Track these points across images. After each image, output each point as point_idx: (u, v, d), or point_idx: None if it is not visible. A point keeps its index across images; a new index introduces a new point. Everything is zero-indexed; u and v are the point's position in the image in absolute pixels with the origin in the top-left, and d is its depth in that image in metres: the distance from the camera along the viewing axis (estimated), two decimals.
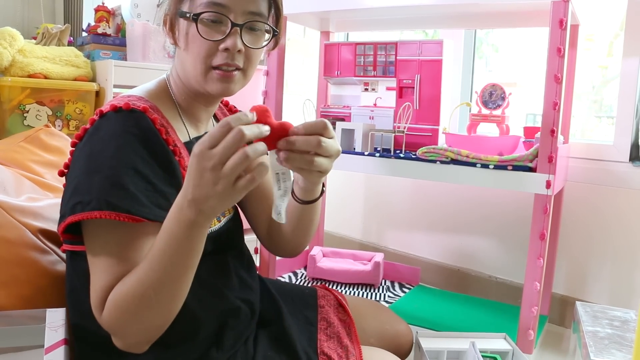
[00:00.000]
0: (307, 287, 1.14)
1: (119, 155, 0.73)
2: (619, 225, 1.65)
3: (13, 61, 1.85)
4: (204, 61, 0.81)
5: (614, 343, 1.17)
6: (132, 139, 0.75)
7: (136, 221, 0.72)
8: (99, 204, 0.71)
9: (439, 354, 1.20)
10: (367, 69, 1.70)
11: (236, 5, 0.80)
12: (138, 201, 0.72)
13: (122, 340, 0.72)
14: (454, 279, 2.01)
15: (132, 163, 0.73)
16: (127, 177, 0.72)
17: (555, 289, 1.74)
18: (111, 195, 0.71)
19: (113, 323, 0.71)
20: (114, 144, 0.74)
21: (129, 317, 0.70)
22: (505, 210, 1.88)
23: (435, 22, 1.81)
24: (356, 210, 2.33)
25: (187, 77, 0.85)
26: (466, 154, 1.35)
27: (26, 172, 1.12)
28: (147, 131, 0.77)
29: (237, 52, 0.81)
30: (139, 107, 0.78)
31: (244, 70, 0.84)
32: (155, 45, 2.10)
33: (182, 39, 0.83)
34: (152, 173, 0.75)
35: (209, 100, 0.90)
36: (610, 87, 1.97)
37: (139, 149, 0.75)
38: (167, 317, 0.72)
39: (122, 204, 0.71)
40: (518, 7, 1.46)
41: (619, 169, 1.65)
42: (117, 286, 0.71)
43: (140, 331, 0.72)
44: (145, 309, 0.69)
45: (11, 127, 1.83)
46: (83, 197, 0.72)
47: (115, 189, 0.72)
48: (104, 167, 0.73)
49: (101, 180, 0.72)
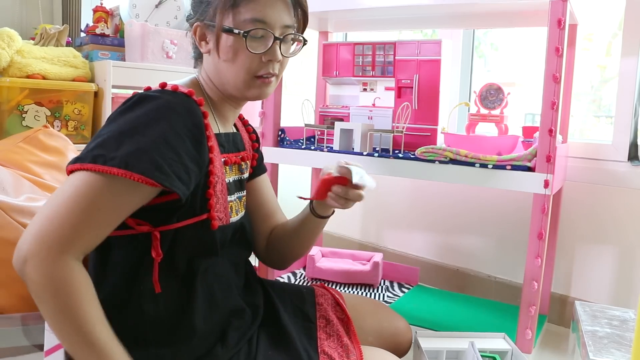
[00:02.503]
0: (305, 286, 1.15)
1: (154, 125, 0.78)
2: (618, 225, 1.66)
3: (11, 62, 1.85)
4: (249, 72, 0.90)
5: (613, 342, 1.17)
6: (171, 113, 0.80)
7: (149, 184, 0.74)
8: (119, 163, 0.73)
9: (438, 353, 1.20)
10: (365, 69, 1.70)
11: (276, 21, 0.89)
12: (158, 167, 0.75)
13: (30, 269, 0.70)
14: (453, 278, 2.01)
15: (164, 134, 0.77)
16: (155, 145, 0.76)
17: (554, 289, 1.74)
18: (132, 157, 0.74)
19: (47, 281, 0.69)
20: (153, 114, 0.79)
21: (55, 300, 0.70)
22: (504, 210, 1.88)
23: (434, 22, 1.81)
24: (355, 211, 2.33)
25: (223, 83, 0.92)
26: (465, 154, 1.35)
27: (25, 172, 1.11)
28: (189, 110, 0.82)
29: (276, 61, 0.91)
30: (185, 91, 0.84)
31: (277, 76, 0.94)
32: (154, 45, 2.09)
33: (224, 51, 0.89)
34: (182, 146, 0.79)
35: (239, 103, 0.98)
36: (609, 87, 1.97)
37: (176, 123, 0.79)
38: (50, 324, 0.72)
39: (140, 166, 0.74)
40: (516, 7, 1.46)
41: (618, 169, 1.65)
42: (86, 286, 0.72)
43: (39, 297, 0.71)
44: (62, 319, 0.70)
45: (10, 127, 1.83)
46: (107, 152, 0.74)
47: (140, 153, 0.74)
48: (137, 134, 0.76)
49: (130, 144, 0.75)
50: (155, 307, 0.82)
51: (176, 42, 2.16)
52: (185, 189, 0.79)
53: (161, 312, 0.83)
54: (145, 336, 0.82)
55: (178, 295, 0.84)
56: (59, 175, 1.18)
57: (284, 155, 1.64)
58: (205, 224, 0.85)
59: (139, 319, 0.82)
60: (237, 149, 1.00)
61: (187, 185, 0.79)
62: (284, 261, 1.14)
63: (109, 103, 1.99)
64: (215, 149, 0.89)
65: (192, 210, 0.84)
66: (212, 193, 0.86)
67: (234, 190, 0.97)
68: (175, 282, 0.84)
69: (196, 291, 0.85)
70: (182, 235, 0.83)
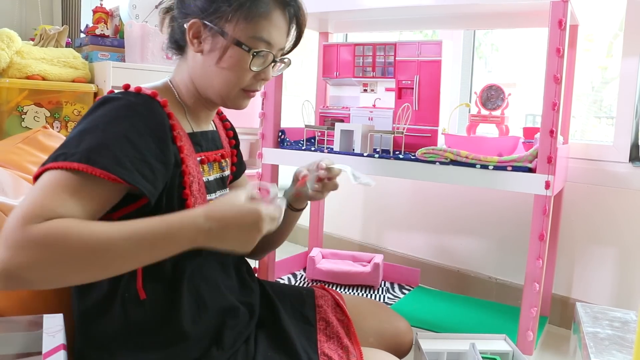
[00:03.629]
0: (305, 288, 1.15)
1: (115, 123, 0.77)
2: (619, 226, 1.65)
3: (11, 63, 1.85)
4: (240, 85, 0.91)
5: (614, 344, 1.16)
6: (132, 113, 0.79)
7: (111, 180, 0.73)
8: (79, 158, 0.72)
9: (439, 355, 1.19)
10: (366, 70, 1.70)
11: (277, 43, 0.91)
12: (120, 163, 0.74)
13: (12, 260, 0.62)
14: (454, 280, 2.01)
15: (125, 132, 0.77)
16: (116, 142, 0.75)
17: (556, 290, 1.74)
18: (93, 152, 0.73)
19: (30, 245, 0.63)
20: (114, 114, 0.79)
21: (55, 253, 0.64)
22: (504, 211, 1.88)
23: (434, 23, 1.81)
24: (355, 212, 2.33)
25: (205, 85, 0.91)
26: (465, 155, 1.35)
27: (24, 173, 1.11)
28: (151, 110, 0.82)
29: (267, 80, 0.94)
30: (148, 92, 0.84)
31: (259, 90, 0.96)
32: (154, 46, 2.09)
33: (223, 59, 0.88)
34: (144, 144, 0.78)
35: (215, 106, 0.97)
36: (610, 88, 1.97)
37: (137, 122, 0.79)
38: (79, 280, 0.69)
39: (101, 161, 0.72)
40: (517, 8, 1.45)
41: (619, 170, 1.65)
42: (69, 221, 0.67)
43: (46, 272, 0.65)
44: (79, 261, 0.66)
45: (9, 128, 1.83)
46: (69, 150, 0.73)
47: (100, 148, 0.74)
48: (97, 130, 0.76)
49: (91, 139, 0.74)
50: (142, 312, 0.81)
51: None
52: (152, 187, 0.77)
53: (148, 317, 0.82)
54: (134, 341, 0.82)
55: (164, 299, 0.83)
56: None
57: (284, 156, 1.64)
58: None
59: (125, 325, 0.81)
60: (216, 147, 0.99)
61: (154, 185, 0.77)
62: (259, 253, 1.19)
63: None
64: (187, 148, 0.87)
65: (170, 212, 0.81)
66: (189, 193, 0.85)
67: (215, 188, 0.96)
68: (160, 287, 0.83)
69: (182, 294, 0.84)
70: None
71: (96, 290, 0.82)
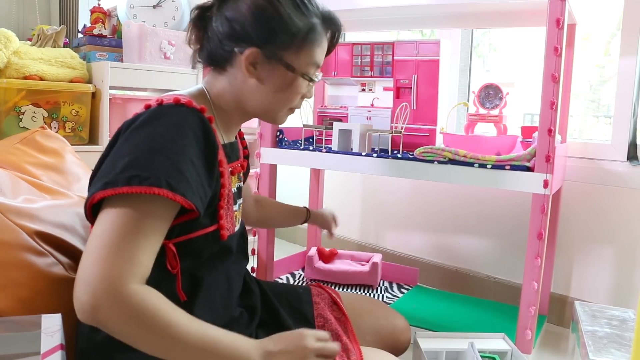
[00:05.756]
0: (301, 286, 1.15)
1: (180, 143, 0.76)
2: (617, 225, 1.65)
3: (8, 63, 1.85)
4: (290, 105, 0.94)
5: (612, 342, 1.17)
6: (191, 132, 0.78)
7: (189, 206, 0.74)
8: (158, 182, 0.71)
9: (437, 354, 1.20)
10: (364, 70, 1.70)
11: (322, 63, 0.95)
12: (191, 188, 0.74)
13: (104, 312, 0.68)
14: (452, 279, 2.01)
15: (189, 153, 0.76)
16: (185, 164, 0.75)
17: (554, 289, 1.74)
18: (171, 177, 0.72)
19: (125, 307, 0.68)
20: (176, 131, 0.77)
21: (140, 324, 0.69)
22: (503, 210, 1.88)
23: (432, 22, 1.81)
24: (354, 211, 2.33)
25: (253, 106, 0.92)
26: (464, 154, 1.35)
27: (22, 174, 1.11)
28: (205, 129, 0.80)
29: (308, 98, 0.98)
30: (198, 107, 0.82)
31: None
32: (152, 46, 2.09)
33: (280, 87, 0.89)
34: (201, 167, 0.79)
35: (247, 119, 0.97)
36: (608, 87, 1.97)
37: (195, 143, 0.78)
38: (141, 348, 0.72)
39: (180, 186, 0.73)
40: (515, 7, 1.45)
41: (617, 168, 1.65)
42: (161, 301, 0.71)
43: (123, 331, 0.70)
44: (154, 338, 0.70)
45: (7, 129, 1.82)
46: (142, 172, 0.71)
47: (175, 171, 0.73)
48: (165, 149, 0.74)
49: (163, 161, 0.73)
50: None
51: (174, 42, 2.15)
52: (203, 209, 0.79)
53: None
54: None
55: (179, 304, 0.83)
56: (57, 177, 1.17)
57: (282, 156, 1.64)
58: (215, 235, 0.84)
59: None
60: (237, 157, 0.99)
61: (204, 205, 0.79)
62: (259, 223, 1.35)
63: (107, 104, 1.99)
64: (224, 161, 0.88)
65: (203, 222, 0.82)
66: (223, 205, 0.85)
67: (236, 198, 0.96)
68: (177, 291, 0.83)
69: (198, 299, 0.84)
70: (192, 247, 0.82)
71: None
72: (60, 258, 0.93)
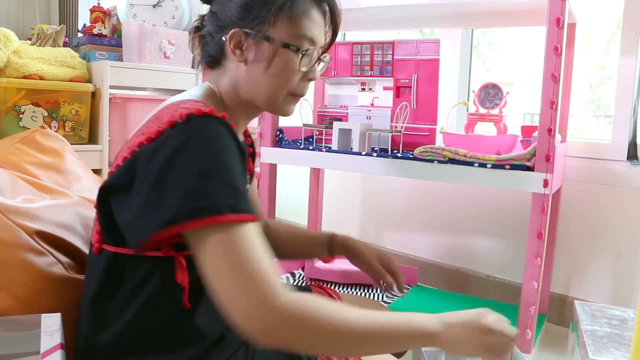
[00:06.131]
0: (301, 287, 1.15)
1: (224, 159, 0.74)
2: (617, 224, 1.65)
3: (8, 62, 1.85)
4: (287, 88, 0.87)
5: (612, 342, 1.17)
6: (228, 143, 0.76)
7: (253, 220, 0.72)
8: (219, 209, 0.69)
9: (437, 354, 1.19)
10: (364, 69, 1.70)
11: (319, 41, 0.89)
12: (247, 201, 0.73)
13: (277, 333, 0.69)
14: (452, 278, 2.01)
15: (234, 165, 0.75)
16: (236, 179, 0.73)
17: (554, 288, 1.74)
18: (230, 199, 0.71)
19: (289, 319, 0.69)
20: (215, 146, 0.74)
21: (308, 328, 0.70)
22: (503, 209, 1.88)
23: (432, 22, 1.81)
24: (354, 211, 2.33)
25: (252, 94, 0.88)
26: (464, 154, 1.35)
27: (22, 173, 1.11)
28: (234, 136, 0.78)
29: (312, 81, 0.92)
30: (220, 115, 0.78)
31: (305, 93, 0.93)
32: (152, 45, 2.09)
33: (267, 64, 0.85)
34: (243, 174, 0.78)
35: (255, 115, 0.95)
36: (608, 86, 1.97)
37: (235, 152, 0.76)
38: (330, 354, 0.76)
39: (242, 205, 0.71)
40: (515, 6, 1.45)
41: (617, 168, 1.65)
42: (311, 301, 0.71)
43: (302, 341, 0.71)
44: (326, 341, 0.71)
45: (6, 128, 1.82)
46: (200, 203, 0.69)
47: (232, 191, 0.72)
48: (214, 171, 0.72)
49: (216, 184, 0.71)
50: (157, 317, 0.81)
51: (174, 42, 2.15)
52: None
53: (162, 322, 0.81)
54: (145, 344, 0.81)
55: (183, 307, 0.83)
56: (56, 176, 1.17)
57: (282, 155, 1.64)
58: None
59: (140, 330, 0.81)
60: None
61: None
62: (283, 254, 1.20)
63: (107, 103, 1.99)
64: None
65: None
66: None
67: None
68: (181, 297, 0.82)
69: (200, 307, 0.83)
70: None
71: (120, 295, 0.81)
72: (60, 257, 0.93)
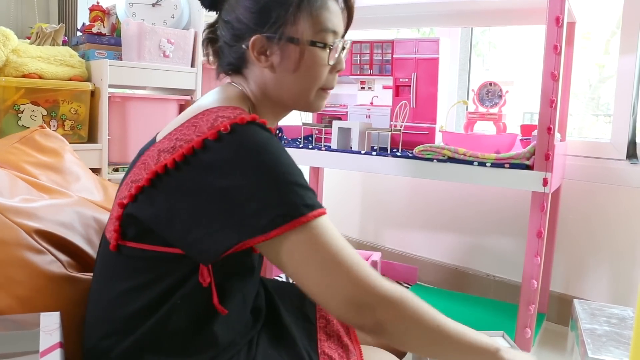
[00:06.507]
0: None
1: (282, 161, 0.75)
2: (617, 223, 1.65)
3: (7, 61, 1.84)
4: (320, 84, 0.87)
5: (611, 340, 1.17)
6: (277, 144, 0.77)
7: (325, 212, 0.75)
8: (299, 211, 0.71)
9: None
10: (363, 68, 1.70)
11: (340, 30, 0.88)
12: (315, 194, 0.75)
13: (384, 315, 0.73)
14: (452, 277, 2.01)
15: (292, 163, 0.76)
16: (299, 176, 0.75)
17: (553, 287, 1.74)
18: (304, 198, 0.72)
19: (391, 301, 0.73)
20: (271, 150, 0.75)
21: (407, 313, 0.74)
22: (502, 208, 1.88)
23: (432, 21, 1.81)
24: (353, 209, 2.33)
25: (281, 95, 0.87)
26: (463, 152, 1.35)
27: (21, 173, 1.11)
28: (277, 137, 0.80)
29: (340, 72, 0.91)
30: (260, 120, 0.78)
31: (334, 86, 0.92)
32: (151, 44, 2.09)
33: (295, 65, 0.84)
34: (300, 170, 0.78)
35: (284, 114, 0.95)
36: (607, 85, 1.97)
37: (286, 151, 0.78)
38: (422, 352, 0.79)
39: (314, 201, 0.73)
40: (514, 5, 1.45)
41: (616, 167, 1.65)
42: (405, 290, 0.75)
43: (400, 326, 0.75)
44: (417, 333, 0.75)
45: (5, 127, 1.82)
46: (279, 210, 0.70)
47: (302, 189, 0.73)
48: (279, 175, 0.73)
49: (286, 187, 0.72)
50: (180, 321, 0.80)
51: (173, 41, 2.15)
52: None
53: (184, 326, 0.81)
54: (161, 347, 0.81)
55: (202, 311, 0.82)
56: (55, 176, 1.17)
57: None
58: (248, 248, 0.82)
59: (160, 332, 0.81)
60: None
61: None
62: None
63: (106, 102, 1.99)
64: None
65: None
66: None
67: None
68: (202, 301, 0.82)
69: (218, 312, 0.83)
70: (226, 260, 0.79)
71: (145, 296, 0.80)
72: (60, 256, 0.93)
